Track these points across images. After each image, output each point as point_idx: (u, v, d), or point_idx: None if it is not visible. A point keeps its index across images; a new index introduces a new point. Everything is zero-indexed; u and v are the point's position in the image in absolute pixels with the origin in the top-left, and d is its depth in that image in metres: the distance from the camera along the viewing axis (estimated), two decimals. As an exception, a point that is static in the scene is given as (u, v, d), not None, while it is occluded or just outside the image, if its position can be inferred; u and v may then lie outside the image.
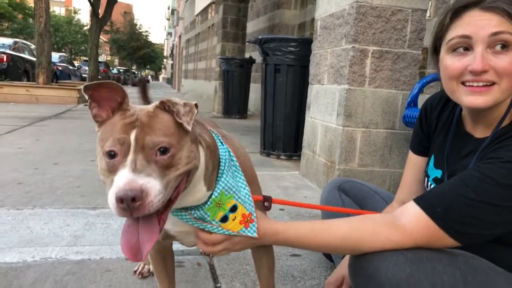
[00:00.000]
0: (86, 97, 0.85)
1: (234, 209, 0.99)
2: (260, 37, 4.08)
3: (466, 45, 1.01)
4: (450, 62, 1.04)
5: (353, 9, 2.64)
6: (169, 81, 43.88)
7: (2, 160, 3.37)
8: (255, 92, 8.82)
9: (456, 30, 1.03)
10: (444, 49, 1.07)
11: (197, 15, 20.03)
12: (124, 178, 0.75)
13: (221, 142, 1.04)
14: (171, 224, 1.03)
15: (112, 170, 0.79)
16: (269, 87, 4.13)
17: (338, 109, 2.79)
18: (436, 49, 1.12)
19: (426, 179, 1.28)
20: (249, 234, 1.01)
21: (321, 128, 3.07)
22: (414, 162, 1.35)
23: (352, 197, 1.59)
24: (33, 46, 11.70)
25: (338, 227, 1.05)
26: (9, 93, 8.69)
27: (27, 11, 29.53)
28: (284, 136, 4.12)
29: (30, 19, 29.64)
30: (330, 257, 1.66)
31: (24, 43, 12.48)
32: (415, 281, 0.92)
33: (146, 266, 1.58)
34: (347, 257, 1.24)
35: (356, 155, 2.78)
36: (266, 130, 4.24)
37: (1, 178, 2.80)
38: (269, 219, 1.07)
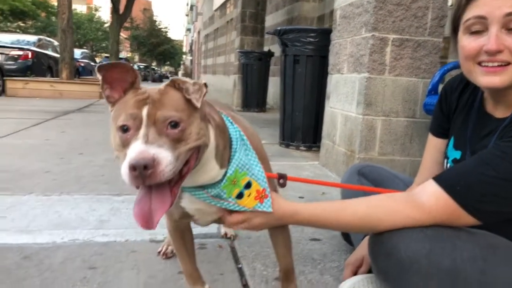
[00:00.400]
0: (99, 77, 0.90)
1: (248, 185, 1.03)
2: (279, 28, 4.09)
3: (481, 26, 1.02)
4: (466, 42, 1.06)
5: (373, -3, 2.62)
6: (189, 77, 44.15)
7: (30, 151, 3.48)
8: (273, 85, 8.82)
9: (472, 11, 1.04)
10: (461, 29, 1.08)
11: (216, 10, 20.10)
12: (136, 149, 0.79)
13: (231, 123, 1.08)
14: (188, 202, 1.07)
15: (125, 144, 0.83)
16: (288, 78, 4.14)
17: (358, 98, 2.79)
18: (455, 30, 1.13)
19: (445, 161, 1.28)
20: (264, 209, 1.04)
21: (341, 118, 3.07)
22: (434, 144, 1.36)
23: (371, 181, 1.60)
24: (56, 43, 11.94)
25: (357, 206, 1.07)
26: (35, 88, 8.92)
27: (50, 9, 30.11)
28: (304, 127, 4.13)
29: (53, 17, 30.22)
30: (350, 240, 1.68)
31: (48, 40, 12.73)
32: (435, 257, 0.94)
33: (170, 247, 1.62)
34: (366, 238, 1.26)
35: (376, 144, 2.77)
36: (285, 121, 4.25)
37: (29, 168, 2.90)
38: (287, 201, 1.10)
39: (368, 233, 1.40)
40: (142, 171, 0.76)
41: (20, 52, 10.43)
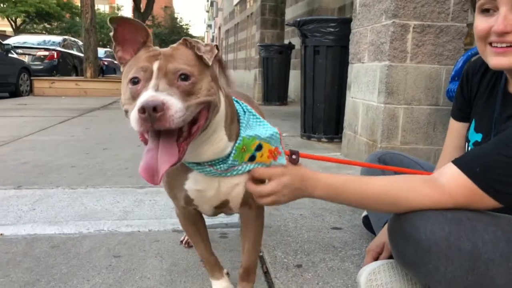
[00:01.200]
0: (112, 30, 0.90)
1: (259, 148, 1.02)
2: (298, 19, 4.07)
3: (492, 5, 1.00)
4: (478, 22, 1.05)
5: (392, -17, 2.58)
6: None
7: (57, 146, 3.58)
8: (294, 79, 8.77)
9: None
10: (476, 9, 1.06)
11: (236, 5, 20.10)
12: (146, 95, 0.79)
13: (236, 101, 1.08)
14: (191, 183, 1.04)
15: (135, 96, 0.84)
16: (308, 69, 4.11)
17: (379, 86, 2.75)
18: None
19: (466, 144, 1.27)
20: (279, 163, 1.03)
21: (362, 107, 3.04)
22: (456, 128, 1.34)
23: (393, 168, 1.58)
24: (80, 43, 12.21)
25: (377, 181, 1.07)
26: (60, 87, 9.15)
27: (74, 10, 30.73)
28: (325, 119, 4.10)
29: (77, 17, 30.84)
30: (371, 228, 1.66)
31: (73, 40, 13.03)
32: (454, 240, 0.92)
33: (192, 236, 1.65)
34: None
35: (399, 133, 2.73)
36: (307, 113, 4.23)
37: (56, 163, 2.98)
38: (309, 169, 1.09)
39: (387, 213, 1.39)
40: (152, 113, 0.76)
41: (46, 53, 10.75)
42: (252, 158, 1.01)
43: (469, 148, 1.23)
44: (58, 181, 2.53)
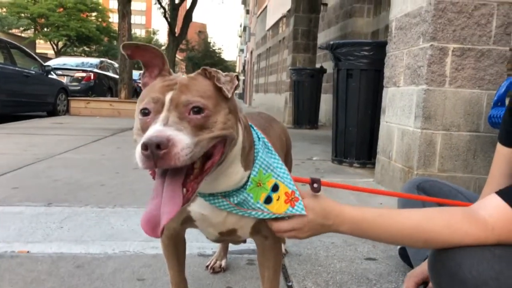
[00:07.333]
0: (125, 56, 0.89)
1: (275, 188, 0.96)
2: (331, 42, 4.04)
3: None
4: None
5: (431, 6, 2.51)
6: (241, 96, 44.82)
7: (88, 165, 3.62)
8: (326, 103, 8.71)
9: None
10: None
11: (268, 30, 20.38)
12: (153, 129, 0.75)
13: (252, 127, 1.03)
14: (197, 205, 0.98)
15: (144, 128, 0.80)
16: (341, 92, 4.05)
17: (416, 111, 2.65)
18: None
19: (516, 172, 1.17)
20: (297, 212, 0.96)
21: (398, 132, 2.94)
22: (503, 154, 1.24)
23: (432, 197, 1.48)
24: (116, 65, 12.60)
25: (410, 215, 0.99)
26: (95, 107, 9.42)
27: (112, 34, 32.00)
28: (357, 143, 4.00)
29: (115, 41, 32.07)
30: (408, 260, 1.56)
31: (109, 62, 13.47)
32: (506, 279, 0.83)
33: (218, 262, 1.59)
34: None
35: (436, 160, 2.61)
36: (338, 137, 4.14)
37: (87, 181, 3.00)
38: (334, 201, 1.02)
39: (422, 249, 1.29)
40: (154, 151, 0.71)
41: (84, 74, 11.13)
42: (268, 200, 0.95)
43: (520, 178, 1.13)
44: (87, 199, 2.53)
